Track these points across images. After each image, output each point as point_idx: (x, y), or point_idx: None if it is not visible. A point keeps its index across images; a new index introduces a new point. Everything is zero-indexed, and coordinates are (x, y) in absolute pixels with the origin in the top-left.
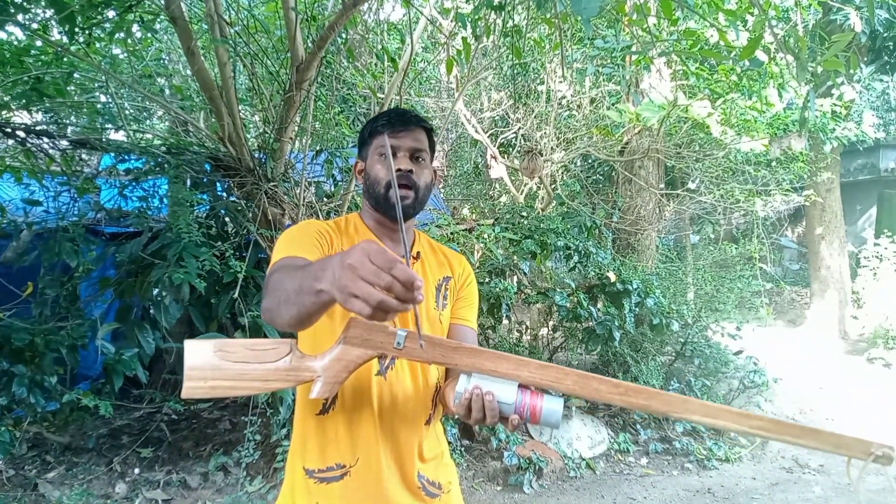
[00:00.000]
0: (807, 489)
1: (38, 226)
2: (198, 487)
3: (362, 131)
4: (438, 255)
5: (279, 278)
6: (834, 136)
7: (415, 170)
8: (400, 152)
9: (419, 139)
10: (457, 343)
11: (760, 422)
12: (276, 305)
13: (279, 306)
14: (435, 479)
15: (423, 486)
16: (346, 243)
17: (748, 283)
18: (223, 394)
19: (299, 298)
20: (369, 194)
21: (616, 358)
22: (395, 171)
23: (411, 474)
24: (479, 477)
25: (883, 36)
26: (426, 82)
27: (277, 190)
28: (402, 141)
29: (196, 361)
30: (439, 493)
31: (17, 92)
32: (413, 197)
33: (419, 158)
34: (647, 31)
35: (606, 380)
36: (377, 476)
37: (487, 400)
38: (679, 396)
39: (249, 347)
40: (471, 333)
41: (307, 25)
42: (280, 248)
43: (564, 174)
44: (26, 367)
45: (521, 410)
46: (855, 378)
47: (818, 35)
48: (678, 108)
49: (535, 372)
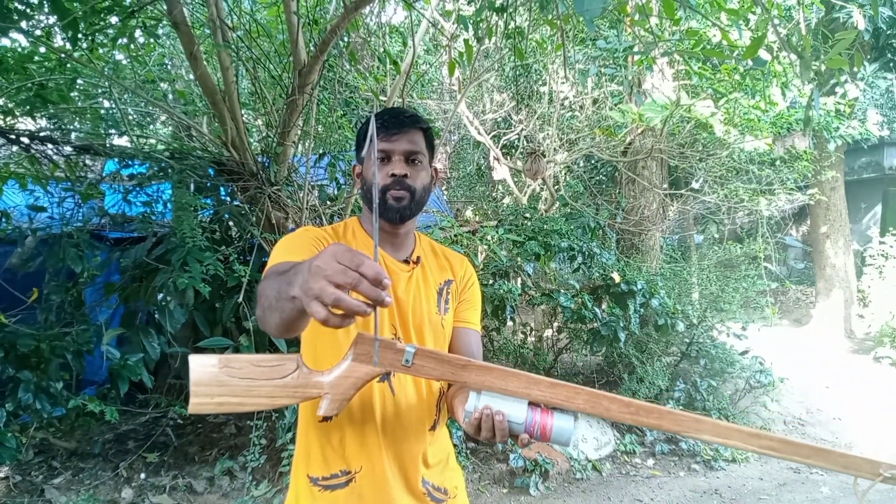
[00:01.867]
0: (814, 489)
1: (42, 232)
2: (204, 492)
3: (358, 133)
4: (440, 259)
5: (264, 285)
6: (838, 134)
7: (410, 173)
8: (394, 156)
9: (414, 141)
10: (466, 360)
11: (771, 441)
12: (262, 313)
13: (265, 313)
14: (440, 485)
15: (428, 492)
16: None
17: (753, 282)
18: (230, 410)
19: (279, 305)
20: (366, 198)
21: (621, 359)
22: (389, 177)
23: (415, 480)
24: (485, 479)
25: (886, 34)
26: (428, 85)
27: (281, 194)
28: (395, 144)
29: (201, 377)
30: (445, 499)
31: (21, 98)
32: (409, 199)
33: (415, 161)
34: (649, 31)
35: (617, 399)
36: (381, 483)
37: (497, 420)
38: (690, 416)
39: (255, 363)
40: (474, 336)
41: (309, 29)
42: (274, 256)
43: (567, 175)
44: (32, 372)
45: (531, 429)
46: (862, 377)
47: (821, 33)
48: (681, 108)
49: (545, 391)
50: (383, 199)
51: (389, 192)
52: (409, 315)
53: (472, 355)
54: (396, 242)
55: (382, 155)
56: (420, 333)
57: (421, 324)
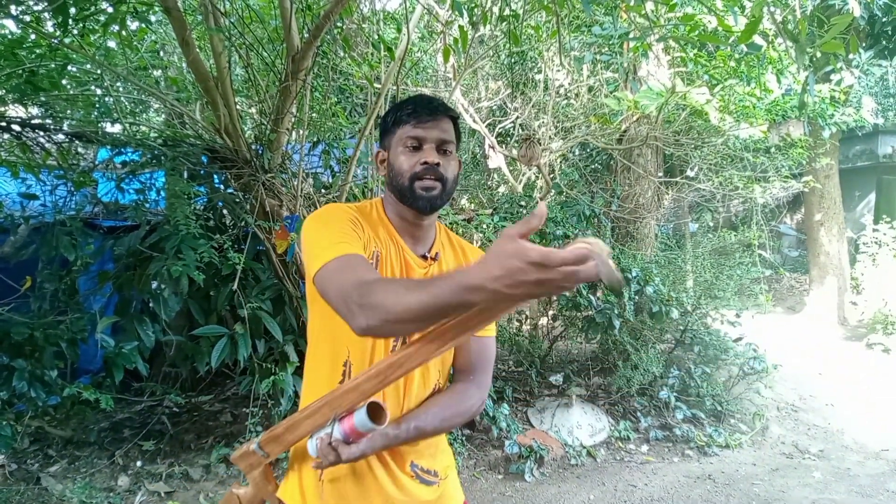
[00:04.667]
0: (807, 474)
1: (35, 220)
2: (200, 479)
3: (385, 118)
4: (457, 252)
5: (384, 286)
6: (833, 121)
7: (441, 162)
8: (426, 144)
9: (446, 129)
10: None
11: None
12: (392, 299)
13: (398, 299)
14: (430, 468)
15: (416, 475)
16: (372, 232)
17: (747, 270)
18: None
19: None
20: (392, 186)
21: (616, 346)
22: (420, 165)
23: (402, 463)
24: (480, 466)
25: (882, 21)
26: (423, 72)
27: (275, 181)
28: (428, 132)
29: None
30: (436, 481)
31: (12, 85)
32: (440, 189)
33: (446, 150)
34: (644, 17)
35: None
36: (365, 465)
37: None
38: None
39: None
40: (483, 343)
41: (302, 15)
42: (326, 246)
43: (563, 163)
44: (26, 361)
45: (348, 436)
46: (854, 363)
47: (817, 19)
48: (676, 96)
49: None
50: (411, 188)
51: (420, 181)
52: None
53: (474, 364)
54: (418, 235)
55: (414, 143)
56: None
57: None
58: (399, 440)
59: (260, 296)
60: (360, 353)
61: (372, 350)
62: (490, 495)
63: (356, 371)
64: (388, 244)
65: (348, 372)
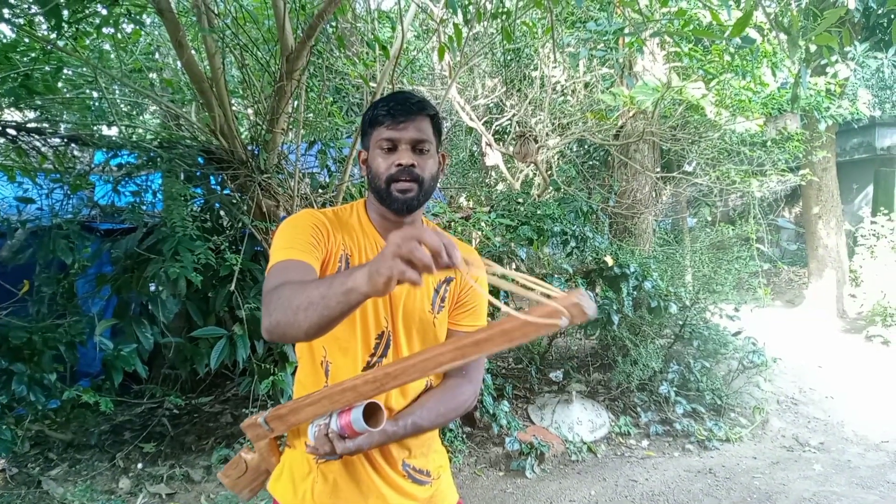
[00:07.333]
0: (807, 467)
1: (32, 224)
2: (201, 481)
3: (363, 118)
4: None
5: (288, 291)
6: (829, 114)
7: (417, 162)
8: (401, 145)
9: (422, 128)
10: (290, 406)
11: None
12: (289, 316)
13: (296, 315)
14: (423, 468)
15: (408, 474)
16: (346, 236)
17: (746, 264)
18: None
19: (326, 302)
20: (372, 187)
21: (615, 342)
22: (395, 166)
23: (394, 463)
24: (481, 463)
25: (877, 13)
26: (419, 70)
27: (271, 182)
28: (403, 133)
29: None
30: (428, 480)
31: (6, 89)
32: (417, 190)
33: (422, 149)
34: (638, 13)
35: (360, 379)
36: (356, 464)
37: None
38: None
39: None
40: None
41: (296, 15)
42: (276, 251)
43: (560, 160)
44: (25, 365)
45: (343, 431)
46: (854, 356)
47: (811, 12)
48: (672, 90)
49: (334, 402)
50: (388, 189)
51: (395, 183)
52: (399, 312)
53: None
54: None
55: (389, 144)
56: (408, 332)
57: (410, 322)
58: (397, 436)
59: (258, 296)
60: (337, 351)
61: (347, 350)
62: (491, 492)
63: (335, 370)
64: (365, 246)
65: (327, 371)
